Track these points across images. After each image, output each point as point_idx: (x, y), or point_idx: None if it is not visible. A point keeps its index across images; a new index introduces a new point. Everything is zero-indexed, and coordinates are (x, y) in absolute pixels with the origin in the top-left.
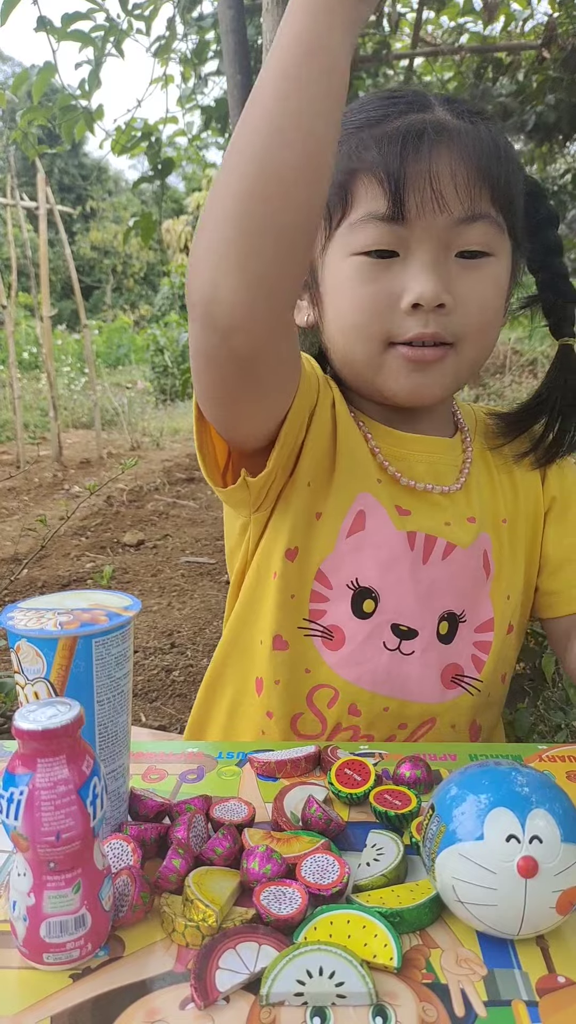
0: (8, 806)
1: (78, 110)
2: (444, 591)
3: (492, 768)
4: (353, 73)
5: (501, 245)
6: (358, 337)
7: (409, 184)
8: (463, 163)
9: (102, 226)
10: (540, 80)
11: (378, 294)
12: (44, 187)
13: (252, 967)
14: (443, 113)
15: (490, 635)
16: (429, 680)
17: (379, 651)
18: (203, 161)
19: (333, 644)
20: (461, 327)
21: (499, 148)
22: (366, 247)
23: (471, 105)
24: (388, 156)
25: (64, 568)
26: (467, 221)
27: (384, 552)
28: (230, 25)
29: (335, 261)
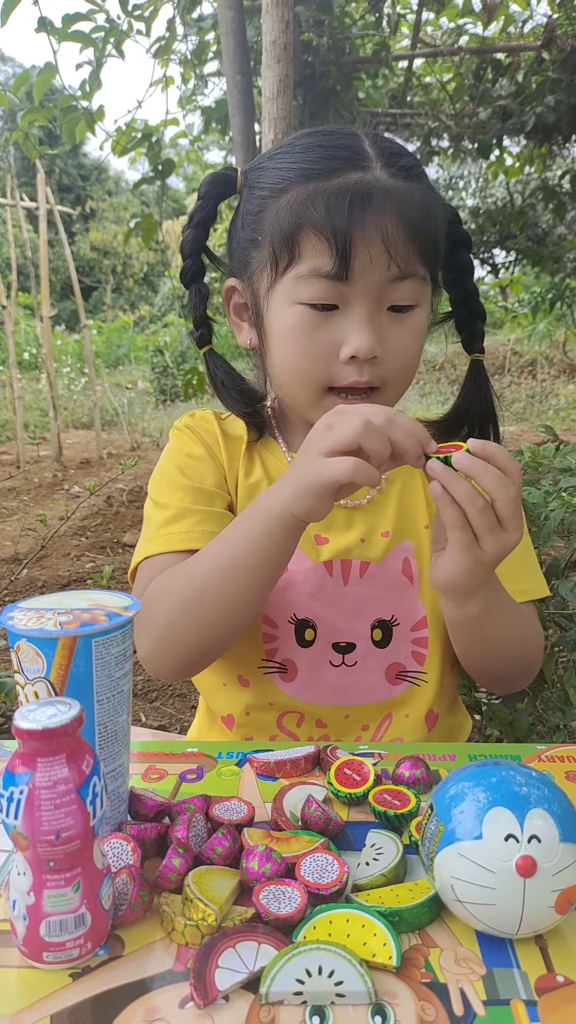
0: (8, 805)
1: (79, 111)
2: (370, 603)
3: (491, 768)
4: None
5: (425, 295)
6: (300, 381)
7: (355, 246)
8: (400, 226)
9: (102, 226)
10: (539, 81)
11: (319, 344)
12: (44, 187)
13: (251, 966)
14: (381, 172)
15: (425, 632)
16: (375, 682)
17: (327, 670)
18: (203, 162)
19: (288, 676)
20: (389, 373)
21: (430, 206)
22: (310, 300)
23: (406, 158)
24: (336, 217)
25: (64, 568)
26: (399, 279)
27: (308, 585)
28: (230, 26)
29: (280, 306)
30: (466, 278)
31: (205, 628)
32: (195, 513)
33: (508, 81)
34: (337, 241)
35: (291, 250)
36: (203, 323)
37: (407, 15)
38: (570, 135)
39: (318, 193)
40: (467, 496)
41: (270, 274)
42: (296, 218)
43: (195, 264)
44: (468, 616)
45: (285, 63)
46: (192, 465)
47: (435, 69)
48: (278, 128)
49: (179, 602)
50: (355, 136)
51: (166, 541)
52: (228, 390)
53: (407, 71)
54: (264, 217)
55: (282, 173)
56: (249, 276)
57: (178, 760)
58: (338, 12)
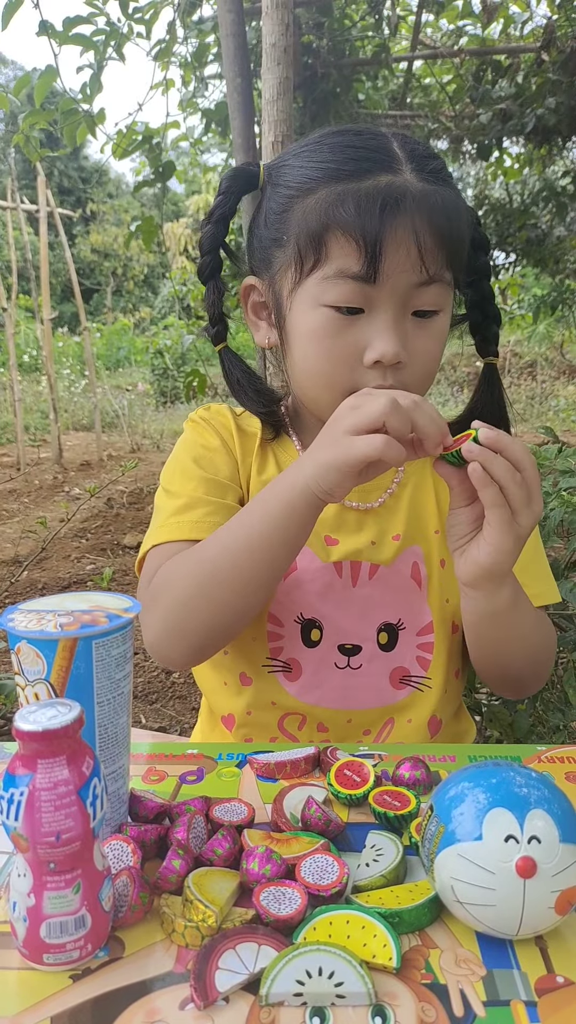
0: (8, 807)
1: (80, 114)
2: (377, 606)
3: (491, 769)
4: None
5: (448, 300)
6: (323, 385)
7: (384, 248)
8: (430, 230)
9: (102, 229)
10: (539, 83)
11: (343, 347)
12: (44, 190)
13: (252, 967)
14: (411, 175)
15: (431, 637)
16: (379, 686)
17: (332, 671)
18: (203, 164)
19: (292, 675)
20: (411, 378)
21: (456, 209)
22: (336, 302)
23: (434, 161)
24: (367, 219)
25: (64, 570)
26: (426, 284)
27: (317, 585)
28: (230, 28)
29: (304, 307)
30: (483, 281)
31: (216, 611)
32: (207, 504)
33: (508, 83)
34: (367, 243)
35: (318, 251)
36: (219, 320)
37: (407, 17)
38: (570, 136)
39: (348, 194)
40: (506, 472)
41: (294, 274)
42: (325, 218)
43: (213, 260)
44: (499, 605)
45: (285, 65)
46: (207, 456)
47: (435, 71)
48: (278, 130)
49: (190, 585)
50: (384, 137)
51: (176, 529)
52: (244, 389)
53: (407, 73)
54: (290, 216)
55: (309, 172)
56: (271, 275)
57: (178, 762)
58: (338, 14)
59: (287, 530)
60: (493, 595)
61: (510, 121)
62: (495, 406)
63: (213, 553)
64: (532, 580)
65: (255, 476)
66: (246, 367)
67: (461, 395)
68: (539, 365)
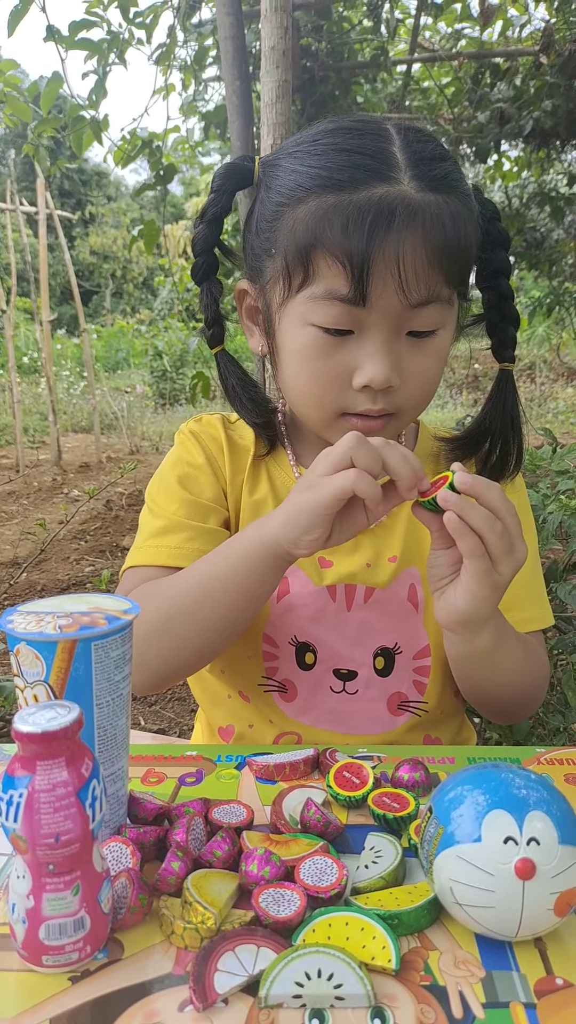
0: (7, 808)
1: (86, 120)
2: (373, 630)
3: (490, 770)
4: (352, 79)
5: (450, 316)
6: (312, 404)
7: (373, 271)
8: (424, 248)
9: (101, 231)
10: (538, 85)
11: (332, 369)
12: (44, 192)
13: (251, 969)
14: (410, 184)
15: (428, 661)
16: (376, 712)
17: (327, 695)
18: (202, 166)
19: (288, 696)
20: (405, 400)
21: (460, 223)
22: (324, 323)
23: (441, 165)
24: (355, 239)
25: (63, 572)
26: (421, 305)
27: (310, 609)
28: (229, 31)
29: (292, 324)
30: (500, 279)
31: (175, 647)
32: (187, 528)
33: (506, 85)
34: (354, 265)
35: (306, 268)
36: (215, 322)
37: (406, 20)
38: (568, 139)
39: (337, 210)
40: (484, 521)
41: (283, 289)
42: (311, 236)
43: (207, 261)
44: (480, 649)
45: (284, 68)
46: (192, 475)
47: (433, 73)
48: (277, 133)
49: (153, 619)
50: (384, 136)
51: (154, 553)
52: (239, 397)
53: (405, 75)
54: (279, 227)
55: (300, 179)
56: (262, 284)
57: (177, 763)
58: (337, 17)
59: (247, 581)
60: (472, 639)
61: (508, 124)
62: (506, 415)
63: (177, 591)
64: (527, 603)
65: (246, 496)
66: (243, 373)
67: (460, 397)
68: (537, 367)
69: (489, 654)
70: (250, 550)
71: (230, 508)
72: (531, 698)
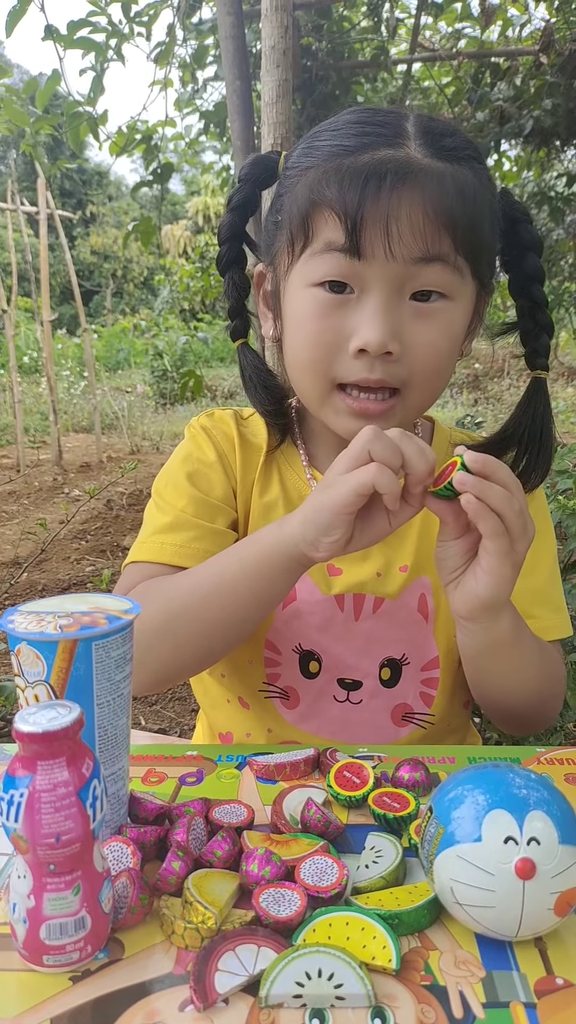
0: (8, 808)
1: (84, 116)
2: (380, 641)
3: (490, 770)
4: (352, 78)
5: (460, 289)
6: (307, 372)
7: (365, 224)
8: (422, 206)
9: (102, 231)
10: (538, 85)
11: (328, 331)
12: (44, 192)
13: (251, 969)
14: (416, 149)
15: (436, 672)
16: (380, 723)
17: (330, 704)
18: (202, 165)
19: (290, 703)
20: (408, 373)
21: (467, 190)
22: (323, 277)
23: (453, 139)
24: (347, 195)
25: (64, 572)
26: (423, 262)
27: (316, 618)
28: (229, 31)
29: (295, 290)
30: (534, 286)
31: (177, 648)
32: (194, 527)
33: (506, 85)
34: (347, 214)
35: (306, 230)
36: (238, 314)
37: (406, 19)
38: (568, 139)
39: (336, 170)
40: (504, 500)
41: (288, 256)
42: (311, 194)
43: (231, 251)
44: (499, 635)
45: (284, 68)
46: (202, 472)
47: (433, 73)
48: (277, 132)
49: (154, 617)
50: (400, 115)
51: (158, 550)
52: (254, 385)
53: (406, 75)
54: (286, 199)
55: (311, 153)
56: (272, 260)
57: (178, 763)
58: (337, 17)
59: (259, 583)
60: (492, 626)
61: (508, 123)
62: (535, 424)
63: (182, 591)
64: (549, 611)
65: (256, 499)
66: (260, 363)
67: (460, 397)
68: None
69: (509, 644)
70: (264, 552)
71: (239, 509)
72: (548, 707)
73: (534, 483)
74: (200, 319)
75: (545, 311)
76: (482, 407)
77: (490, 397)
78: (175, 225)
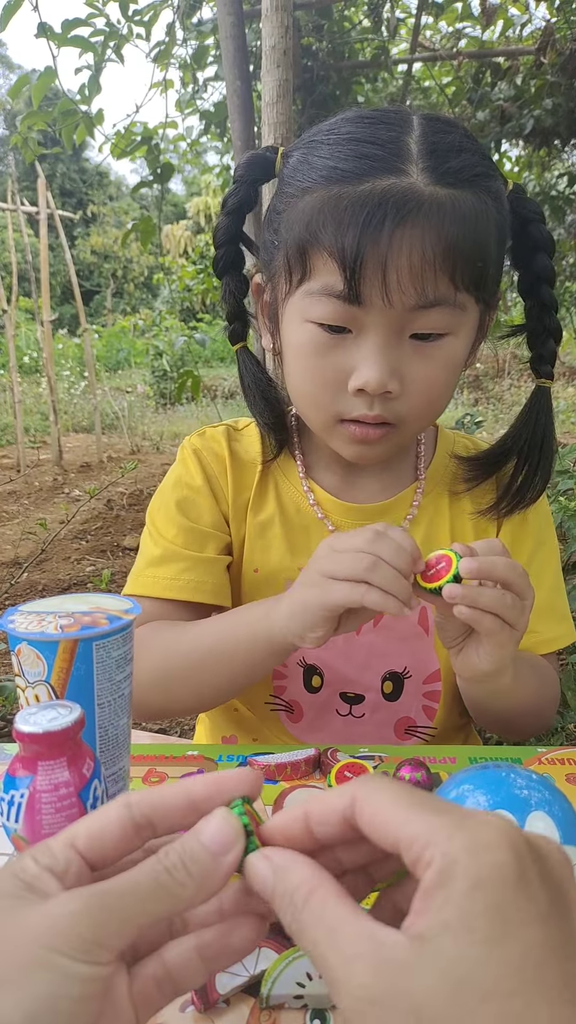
0: (9, 809)
1: (78, 115)
2: (381, 655)
3: (492, 770)
4: (353, 78)
5: (462, 322)
6: (310, 404)
7: (364, 273)
8: (422, 248)
9: (103, 231)
10: (538, 85)
11: (328, 369)
12: (45, 192)
13: (252, 969)
14: (419, 175)
15: (438, 685)
16: (383, 736)
17: (333, 717)
18: (203, 165)
19: (294, 716)
20: (406, 410)
21: (471, 220)
22: (320, 319)
23: (460, 159)
24: (345, 239)
25: (64, 572)
26: (423, 308)
27: None
28: (229, 31)
29: (293, 320)
30: (543, 286)
31: (173, 701)
32: (183, 559)
33: (507, 84)
34: (346, 262)
35: (303, 264)
36: (236, 317)
37: (406, 19)
38: (568, 138)
39: (335, 203)
40: (497, 602)
41: (285, 284)
42: (308, 231)
43: (228, 253)
44: (498, 689)
45: (285, 68)
46: (190, 498)
47: (434, 73)
48: (277, 132)
49: (152, 671)
50: (403, 125)
51: (151, 584)
52: (253, 394)
53: (406, 75)
54: (283, 220)
55: (308, 170)
56: (271, 278)
57: (178, 763)
58: (337, 17)
59: (247, 659)
60: (493, 686)
61: (508, 123)
62: (536, 434)
63: (180, 652)
64: (553, 623)
65: (251, 518)
66: (260, 371)
67: (460, 396)
68: None
69: (508, 692)
70: (254, 635)
71: (232, 532)
72: (544, 717)
73: (534, 494)
74: (200, 319)
75: (553, 314)
76: (482, 407)
77: (491, 397)
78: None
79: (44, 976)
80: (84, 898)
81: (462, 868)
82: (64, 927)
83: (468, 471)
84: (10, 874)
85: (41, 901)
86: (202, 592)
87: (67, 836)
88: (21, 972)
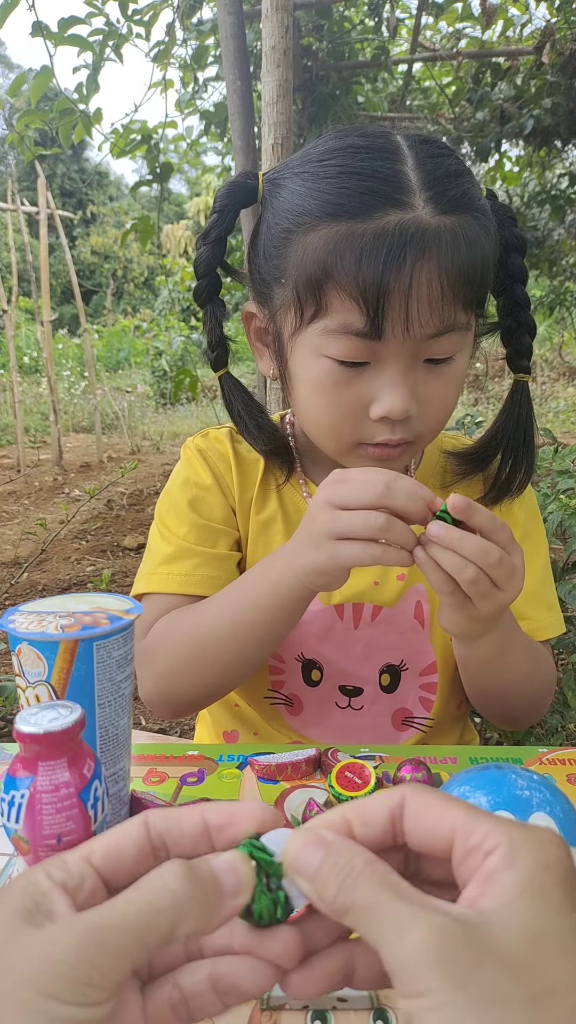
0: (9, 809)
1: (76, 114)
2: (379, 648)
3: (493, 771)
4: (353, 78)
5: (467, 340)
6: (328, 435)
7: (388, 306)
8: (439, 280)
9: (103, 231)
10: (538, 85)
11: (348, 400)
12: (45, 192)
13: None
14: (424, 207)
15: (434, 677)
16: (382, 727)
17: (333, 710)
18: (203, 165)
19: (294, 710)
20: (423, 426)
21: (475, 245)
22: (338, 356)
23: (458, 184)
24: (368, 275)
25: (64, 572)
26: (439, 335)
27: (317, 627)
28: (230, 31)
29: (305, 355)
30: (516, 285)
31: (205, 681)
32: (197, 555)
33: (507, 84)
34: (368, 300)
35: (318, 301)
36: (219, 344)
37: (406, 19)
38: (568, 138)
39: (349, 242)
40: (455, 566)
41: (295, 319)
42: (323, 269)
43: (210, 283)
44: (482, 655)
45: (285, 68)
46: (201, 496)
47: (434, 73)
48: (277, 132)
49: (180, 655)
50: (396, 154)
51: (165, 581)
52: (245, 424)
53: (406, 75)
54: (288, 254)
55: (308, 204)
56: (272, 310)
57: (179, 763)
58: (337, 17)
59: (272, 618)
60: (471, 647)
61: (508, 123)
62: (519, 429)
63: (204, 632)
64: (543, 611)
65: (254, 516)
66: (248, 398)
67: (460, 396)
68: (538, 367)
69: (494, 660)
70: (274, 589)
71: (240, 527)
72: (537, 705)
73: (520, 485)
74: (199, 318)
75: (527, 311)
76: (482, 407)
77: (491, 397)
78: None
79: (36, 1021)
80: (76, 935)
81: (531, 852)
82: (54, 967)
83: (458, 466)
84: (20, 888)
85: (39, 929)
86: (216, 587)
87: (84, 851)
88: (14, 1016)
